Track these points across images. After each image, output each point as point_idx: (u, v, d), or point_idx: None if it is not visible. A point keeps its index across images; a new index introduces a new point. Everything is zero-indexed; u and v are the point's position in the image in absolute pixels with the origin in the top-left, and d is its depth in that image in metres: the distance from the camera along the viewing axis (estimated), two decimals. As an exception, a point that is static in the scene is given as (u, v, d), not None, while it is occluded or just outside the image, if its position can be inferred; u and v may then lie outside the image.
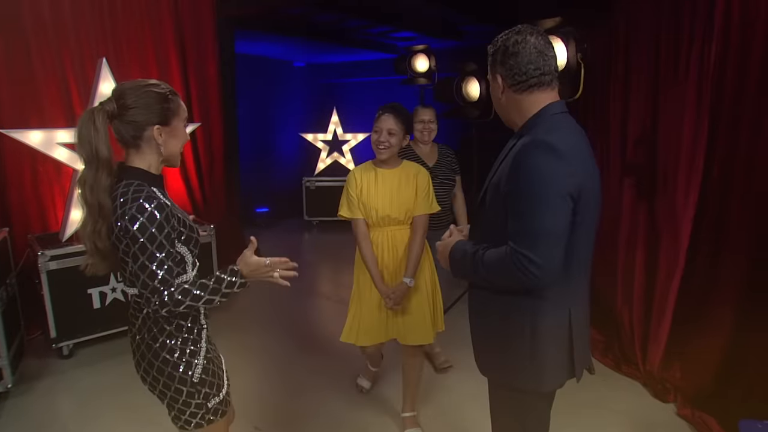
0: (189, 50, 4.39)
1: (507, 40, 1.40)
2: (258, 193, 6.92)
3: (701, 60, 2.65)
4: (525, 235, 1.28)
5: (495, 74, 1.44)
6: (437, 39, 5.99)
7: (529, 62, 1.36)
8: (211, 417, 1.52)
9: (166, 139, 1.43)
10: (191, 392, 1.46)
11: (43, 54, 3.50)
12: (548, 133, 1.31)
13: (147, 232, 1.31)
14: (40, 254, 3.07)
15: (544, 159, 1.27)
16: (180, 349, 1.45)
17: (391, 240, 2.42)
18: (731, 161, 2.58)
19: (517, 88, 1.39)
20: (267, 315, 4.05)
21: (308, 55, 7.59)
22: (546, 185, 1.26)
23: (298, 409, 2.77)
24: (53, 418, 2.68)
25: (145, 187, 1.37)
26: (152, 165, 1.44)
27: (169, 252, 1.35)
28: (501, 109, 1.49)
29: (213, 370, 1.52)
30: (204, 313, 1.55)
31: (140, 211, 1.31)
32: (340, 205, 2.46)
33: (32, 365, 3.15)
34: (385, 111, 2.38)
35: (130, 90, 1.39)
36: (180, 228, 1.41)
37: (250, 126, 6.77)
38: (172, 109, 1.43)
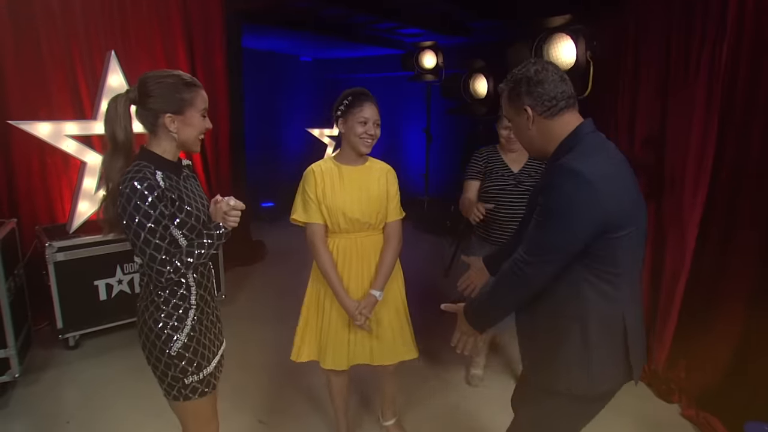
0: (197, 44, 4.40)
1: (527, 71, 1.42)
2: (264, 188, 6.93)
3: (712, 60, 2.63)
4: (531, 242, 1.36)
5: (521, 107, 1.43)
6: (445, 35, 5.97)
7: (555, 87, 1.39)
8: (189, 394, 1.58)
9: (180, 127, 1.51)
10: (168, 363, 1.54)
11: (53, 46, 3.51)
12: (581, 160, 1.32)
13: (141, 210, 1.39)
14: (48, 245, 3.09)
15: (573, 187, 1.29)
16: (163, 322, 1.53)
17: (360, 247, 2.11)
18: (741, 162, 2.56)
19: (548, 114, 1.41)
20: (273, 308, 4.07)
21: (315, 49, 7.58)
22: (569, 211, 1.30)
23: (303, 403, 2.79)
24: (60, 408, 2.70)
25: (145, 168, 1.43)
26: (167, 150, 1.53)
27: (165, 227, 1.45)
28: (531, 141, 1.48)
29: (195, 348, 1.57)
30: (197, 294, 1.60)
31: (132, 190, 1.39)
32: (293, 209, 2.10)
33: (39, 356, 3.17)
34: (365, 99, 2.07)
35: (150, 78, 1.48)
36: (174, 211, 1.47)
37: (257, 120, 6.77)
38: (187, 99, 1.50)
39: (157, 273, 1.45)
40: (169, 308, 1.55)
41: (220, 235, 1.57)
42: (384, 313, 2.16)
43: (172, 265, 1.46)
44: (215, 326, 1.73)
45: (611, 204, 1.30)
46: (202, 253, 1.53)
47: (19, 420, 2.60)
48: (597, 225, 1.30)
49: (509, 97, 1.46)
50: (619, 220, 1.32)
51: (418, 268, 3.09)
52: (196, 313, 1.59)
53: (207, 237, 1.55)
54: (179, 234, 1.51)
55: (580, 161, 1.32)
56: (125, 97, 1.47)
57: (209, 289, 1.69)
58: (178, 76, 1.51)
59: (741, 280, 2.59)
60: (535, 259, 1.35)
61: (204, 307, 1.64)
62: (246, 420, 2.62)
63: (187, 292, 1.58)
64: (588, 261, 1.36)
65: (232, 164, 4.92)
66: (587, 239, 1.32)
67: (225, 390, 2.81)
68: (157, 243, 1.43)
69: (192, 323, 1.57)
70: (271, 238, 5.71)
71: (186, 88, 1.51)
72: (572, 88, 1.43)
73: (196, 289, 1.60)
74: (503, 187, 2.59)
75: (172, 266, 1.46)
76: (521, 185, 2.58)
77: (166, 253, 1.45)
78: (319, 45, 6.95)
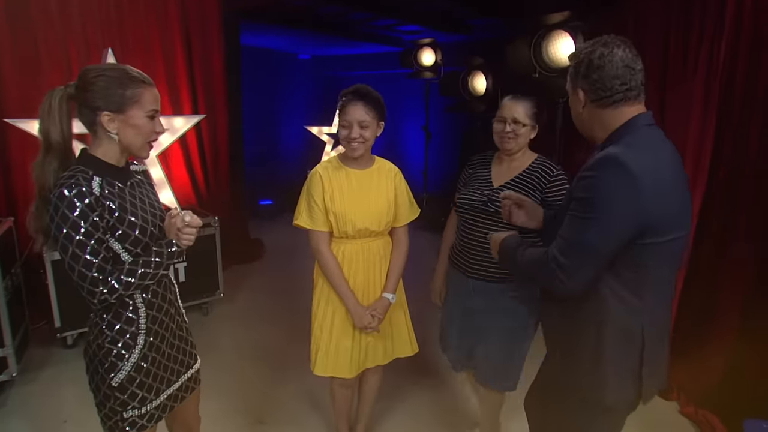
0: (194, 42, 4.38)
1: (592, 52, 1.31)
2: (262, 186, 6.92)
3: (710, 57, 2.63)
4: (567, 240, 1.26)
5: (576, 88, 1.36)
6: (443, 33, 5.95)
7: (614, 77, 1.28)
8: (126, 428, 1.41)
9: (120, 128, 1.33)
10: (107, 394, 1.38)
11: (49, 44, 3.49)
12: (628, 151, 1.21)
13: (69, 221, 1.23)
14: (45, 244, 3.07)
15: (613, 178, 1.19)
16: (107, 348, 1.36)
17: (366, 252, 2.04)
18: (739, 160, 2.56)
19: (600, 103, 1.32)
20: (272, 309, 4.06)
21: (313, 47, 7.56)
22: (606, 204, 1.20)
23: (303, 403, 2.78)
24: (57, 406, 2.70)
25: (80, 173, 1.28)
26: (108, 154, 1.36)
27: (99, 240, 1.27)
28: (581, 122, 1.41)
29: (141, 381, 1.40)
30: (148, 317, 1.41)
31: (60, 198, 1.23)
32: (297, 212, 2.04)
33: (37, 354, 3.17)
34: (352, 98, 1.93)
35: (90, 71, 1.31)
36: (114, 222, 1.31)
37: (255, 118, 6.75)
38: (130, 97, 1.31)
39: (88, 293, 1.26)
40: (114, 333, 1.36)
41: (172, 254, 1.37)
42: (392, 312, 2.14)
43: (106, 285, 1.26)
44: (180, 351, 1.55)
45: (656, 205, 1.19)
46: (147, 273, 1.33)
47: (17, 419, 2.60)
48: (636, 226, 1.20)
49: (570, 75, 1.38)
50: (661, 224, 1.22)
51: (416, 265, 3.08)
52: (147, 338, 1.40)
53: (155, 255, 1.35)
54: (120, 248, 1.33)
55: (626, 152, 1.20)
56: (63, 91, 1.30)
57: (168, 311, 1.49)
58: (122, 69, 1.32)
59: (739, 277, 2.59)
60: (572, 263, 1.24)
61: (161, 331, 1.46)
62: (245, 420, 2.62)
63: (134, 314, 1.38)
64: (613, 263, 1.26)
65: (230, 162, 4.90)
66: (623, 240, 1.21)
67: (223, 390, 2.81)
68: (87, 259, 1.24)
69: (141, 351, 1.38)
70: (269, 236, 5.70)
71: (130, 83, 1.31)
72: (640, 79, 1.31)
73: (146, 311, 1.40)
74: (471, 203, 2.05)
75: (107, 286, 1.26)
76: (492, 205, 1.98)
77: (99, 271, 1.26)
78: (317, 42, 6.93)
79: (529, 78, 3.28)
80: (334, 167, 2.03)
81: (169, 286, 1.53)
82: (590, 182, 1.22)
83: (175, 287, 1.59)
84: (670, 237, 1.24)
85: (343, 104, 1.95)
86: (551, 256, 1.27)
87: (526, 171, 2.02)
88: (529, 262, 1.38)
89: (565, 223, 1.28)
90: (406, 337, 2.21)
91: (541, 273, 1.32)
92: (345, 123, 1.94)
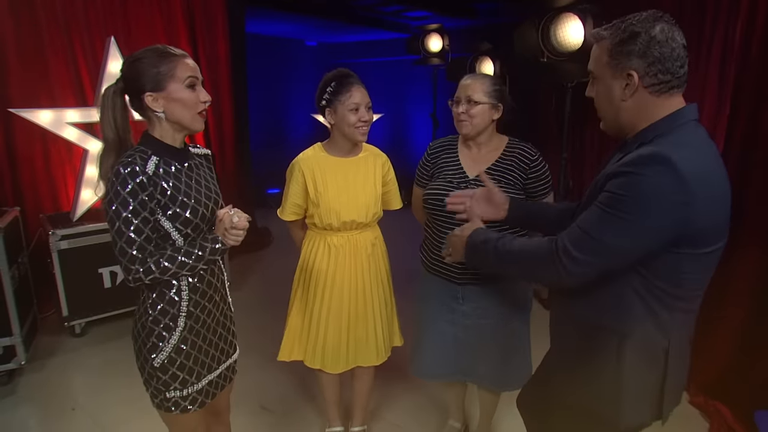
0: (199, 29, 4.35)
1: (650, 26, 1.08)
2: (270, 175, 6.89)
3: (725, 41, 2.55)
4: (586, 233, 1.11)
5: (624, 69, 1.11)
6: (450, 18, 5.86)
7: (677, 58, 1.09)
8: (171, 407, 1.45)
9: (166, 105, 1.34)
10: (150, 373, 1.42)
11: (53, 33, 3.48)
12: (676, 150, 1.05)
13: (119, 197, 1.26)
14: (52, 234, 3.09)
15: (661, 180, 1.02)
16: (149, 328, 1.39)
17: (354, 247, 1.99)
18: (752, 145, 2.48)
19: (655, 89, 1.11)
20: (278, 295, 4.06)
21: (320, 34, 7.49)
22: (645, 207, 1.04)
23: (307, 390, 2.78)
24: (66, 394, 2.72)
25: (138, 153, 1.31)
26: (164, 135, 1.38)
27: (145, 219, 1.29)
28: (617, 113, 1.17)
29: (182, 363, 1.42)
30: (190, 300, 1.42)
31: (116, 175, 1.27)
32: (282, 205, 2.03)
33: (45, 343, 3.20)
34: (352, 82, 1.87)
35: (126, 61, 1.36)
36: (165, 201, 1.33)
37: (262, 106, 6.73)
38: (165, 72, 1.32)
39: (124, 270, 1.29)
40: (156, 313, 1.38)
41: (215, 250, 1.37)
42: (374, 310, 2.07)
43: (143, 265, 1.29)
44: (221, 338, 1.56)
45: (703, 215, 1.05)
46: (187, 263, 1.33)
47: (26, 406, 2.63)
48: (674, 235, 1.05)
49: (611, 52, 1.13)
50: (705, 233, 1.07)
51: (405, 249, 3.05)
52: (187, 322, 1.42)
53: (200, 248, 1.35)
54: (171, 227, 1.35)
55: (678, 152, 1.03)
56: (114, 87, 1.35)
57: (212, 297, 1.49)
58: (153, 49, 1.34)
59: (750, 267, 2.53)
60: (583, 258, 1.10)
61: (203, 316, 1.46)
62: (249, 406, 2.63)
63: (177, 296, 1.40)
64: (644, 270, 1.12)
65: (236, 151, 4.90)
66: (659, 245, 1.07)
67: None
68: (130, 236, 1.27)
69: (181, 334, 1.41)
70: (277, 224, 5.64)
71: (161, 60, 1.32)
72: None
73: (189, 294, 1.41)
74: (444, 197, 1.71)
75: (144, 266, 1.29)
76: None
77: (140, 249, 1.29)
78: (324, 29, 6.86)
79: (538, 62, 3.21)
80: (319, 157, 1.96)
81: (218, 273, 1.53)
82: (631, 180, 1.04)
83: (224, 275, 1.58)
84: (710, 249, 1.11)
85: (343, 89, 1.86)
86: (560, 245, 1.13)
87: (503, 157, 1.84)
88: (523, 251, 1.22)
89: (587, 214, 1.12)
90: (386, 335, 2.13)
91: (540, 262, 1.18)
92: (354, 106, 1.85)
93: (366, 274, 2.03)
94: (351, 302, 2.03)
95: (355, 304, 2.03)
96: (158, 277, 1.32)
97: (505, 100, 1.85)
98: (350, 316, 2.04)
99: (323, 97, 1.91)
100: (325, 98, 1.91)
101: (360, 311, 2.05)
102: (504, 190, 1.75)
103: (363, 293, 2.04)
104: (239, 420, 2.48)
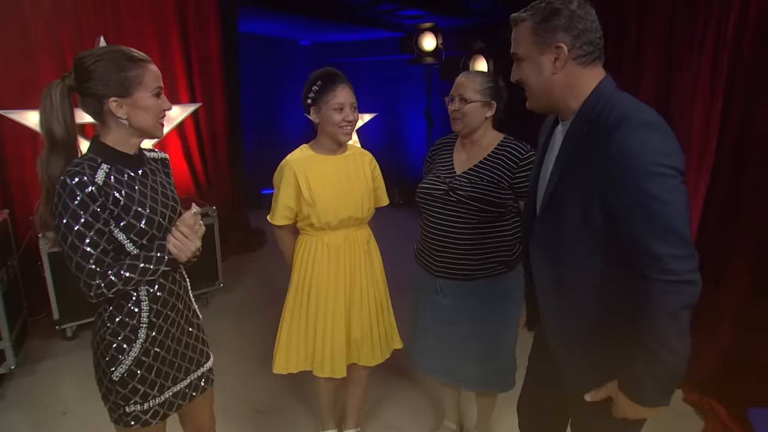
0: (191, 28, 4.31)
1: (570, 2, 1.15)
2: (263, 175, 6.81)
3: (718, 36, 2.54)
4: (663, 239, 1.03)
5: (552, 43, 1.16)
6: (444, 17, 5.84)
7: (597, 28, 1.17)
8: (131, 422, 1.38)
9: (130, 111, 1.27)
10: (109, 388, 1.35)
11: (41, 32, 3.44)
12: (639, 112, 1.09)
13: (69, 210, 1.19)
14: (41, 236, 3.05)
15: (658, 139, 1.05)
16: (108, 340, 1.32)
17: (351, 245, 1.98)
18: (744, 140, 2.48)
19: (582, 60, 1.16)
20: (271, 297, 4.03)
21: (314, 33, 7.46)
22: (669, 170, 1.04)
23: (301, 393, 2.76)
24: (56, 398, 2.69)
25: (87, 161, 1.24)
26: (119, 141, 1.31)
27: (100, 231, 1.23)
28: (549, 89, 1.20)
29: (143, 376, 1.35)
30: (151, 311, 1.36)
31: (63, 186, 1.20)
32: (272, 210, 2.00)
33: (36, 346, 3.16)
34: (337, 81, 1.85)
35: (87, 58, 1.26)
36: (118, 211, 1.26)
37: (255, 106, 6.69)
38: (133, 78, 1.26)
39: (85, 286, 1.23)
40: (115, 325, 1.32)
41: (161, 258, 1.29)
42: (370, 312, 2.05)
43: (104, 279, 1.23)
44: (188, 348, 1.48)
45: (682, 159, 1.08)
46: (148, 269, 1.27)
47: (16, 411, 2.60)
48: (682, 166, 1.07)
49: (535, 30, 1.17)
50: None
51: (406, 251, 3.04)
52: (149, 333, 1.35)
53: (158, 249, 1.30)
54: (125, 239, 1.29)
55: (639, 111, 1.09)
56: (61, 84, 1.25)
57: (175, 305, 1.42)
58: (118, 51, 1.27)
59: (743, 264, 2.53)
60: (685, 257, 1.03)
61: (166, 326, 1.40)
62: (243, 410, 2.60)
63: (136, 307, 1.33)
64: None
65: (229, 151, 4.86)
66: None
67: (221, 379, 2.78)
68: (85, 250, 1.21)
69: (143, 346, 1.34)
70: (270, 225, 5.67)
71: (130, 65, 1.25)
72: None
73: (150, 304, 1.35)
74: (431, 191, 1.88)
75: (105, 280, 1.23)
76: (455, 194, 1.82)
77: (97, 263, 1.22)
78: (318, 28, 6.83)
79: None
80: (308, 157, 1.95)
81: (180, 281, 1.46)
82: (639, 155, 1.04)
83: (187, 282, 1.52)
84: None
85: (328, 88, 1.85)
86: (661, 276, 1.04)
87: (491, 155, 1.84)
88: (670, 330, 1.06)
89: (641, 224, 1.05)
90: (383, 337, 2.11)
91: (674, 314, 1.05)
92: (338, 106, 1.85)
93: (362, 272, 2.03)
94: (348, 302, 2.01)
95: (351, 304, 2.02)
96: (121, 288, 1.26)
97: (500, 97, 1.85)
98: (348, 316, 2.02)
99: (309, 95, 1.91)
100: (310, 97, 1.90)
101: (355, 311, 2.03)
102: (487, 188, 1.78)
103: (359, 292, 2.03)
104: (232, 426, 2.46)
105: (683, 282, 1.04)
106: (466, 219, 1.80)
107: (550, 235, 1.25)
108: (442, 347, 1.98)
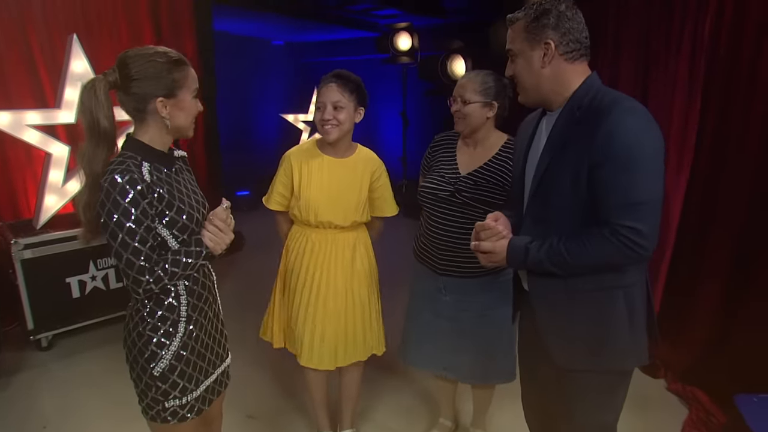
0: (164, 26, 4.19)
1: (559, 4, 1.29)
2: (239, 177, 6.74)
3: (695, 35, 2.62)
4: (629, 206, 1.20)
5: (541, 40, 1.29)
6: (419, 16, 5.87)
7: (583, 29, 1.30)
8: (168, 417, 1.40)
9: (172, 112, 1.34)
10: (149, 384, 1.37)
11: (8, 32, 3.29)
12: (628, 100, 1.24)
13: (120, 207, 1.23)
14: (14, 243, 2.92)
15: (638, 123, 1.20)
16: (148, 336, 1.35)
17: (332, 244, 1.99)
18: (724, 138, 2.57)
19: (569, 56, 1.29)
20: (253, 300, 3.96)
21: (287, 33, 7.38)
22: (646, 150, 1.20)
23: (291, 396, 2.73)
24: (34, 412, 2.57)
25: (129, 159, 1.27)
26: (155, 139, 1.36)
27: (148, 228, 1.27)
28: (538, 83, 1.32)
29: (182, 370, 1.39)
30: (189, 304, 1.40)
31: (112, 184, 1.23)
32: (268, 193, 2.04)
33: (9, 358, 3.01)
34: (327, 81, 1.89)
35: (133, 58, 1.30)
36: (162, 207, 1.30)
37: (229, 107, 6.56)
38: (178, 80, 1.32)
39: (134, 282, 1.26)
40: (155, 320, 1.35)
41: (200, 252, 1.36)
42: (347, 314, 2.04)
43: (152, 274, 1.27)
44: (216, 342, 1.53)
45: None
46: (190, 262, 1.33)
47: (-8, 427, 2.48)
48: (664, 149, 1.25)
49: (527, 28, 1.30)
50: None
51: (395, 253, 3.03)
52: (187, 327, 1.39)
53: (196, 243, 1.35)
54: (168, 234, 1.33)
55: (629, 100, 1.24)
56: (104, 80, 1.29)
57: (207, 299, 1.47)
58: (164, 53, 1.32)
59: (723, 256, 2.62)
60: (648, 225, 1.20)
61: (201, 319, 1.44)
62: (234, 415, 2.54)
63: (175, 301, 1.37)
64: None
65: (207, 153, 4.76)
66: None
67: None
68: (135, 246, 1.24)
69: (181, 339, 1.38)
70: (248, 227, 5.55)
71: (176, 67, 1.32)
72: None
73: (188, 298, 1.39)
74: (435, 192, 1.89)
75: (153, 275, 1.27)
76: (460, 196, 1.84)
77: (147, 259, 1.26)
78: (291, 28, 6.76)
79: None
80: (310, 152, 1.98)
81: (208, 274, 1.51)
82: (621, 133, 1.18)
83: (214, 276, 1.56)
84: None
85: (320, 86, 1.90)
86: (622, 231, 1.20)
87: (496, 157, 1.86)
88: (587, 250, 1.25)
89: (614, 191, 1.21)
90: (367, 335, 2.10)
91: (612, 254, 1.23)
92: (319, 104, 1.89)
93: (346, 273, 2.01)
94: (323, 299, 2.00)
95: (325, 301, 2.00)
96: (167, 283, 1.31)
97: (504, 96, 1.87)
98: (326, 312, 2.01)
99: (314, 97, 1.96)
100: (313, 99, 1.93)
101: (339, 309, 2.02)
102: (492, 191, 1.81)
103: (344, 292, 2.02)
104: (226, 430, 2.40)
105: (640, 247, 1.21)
106: (471, 220, 1.80)
107: (541, 217, 1.36)
108: (442, 343, 1.99)
